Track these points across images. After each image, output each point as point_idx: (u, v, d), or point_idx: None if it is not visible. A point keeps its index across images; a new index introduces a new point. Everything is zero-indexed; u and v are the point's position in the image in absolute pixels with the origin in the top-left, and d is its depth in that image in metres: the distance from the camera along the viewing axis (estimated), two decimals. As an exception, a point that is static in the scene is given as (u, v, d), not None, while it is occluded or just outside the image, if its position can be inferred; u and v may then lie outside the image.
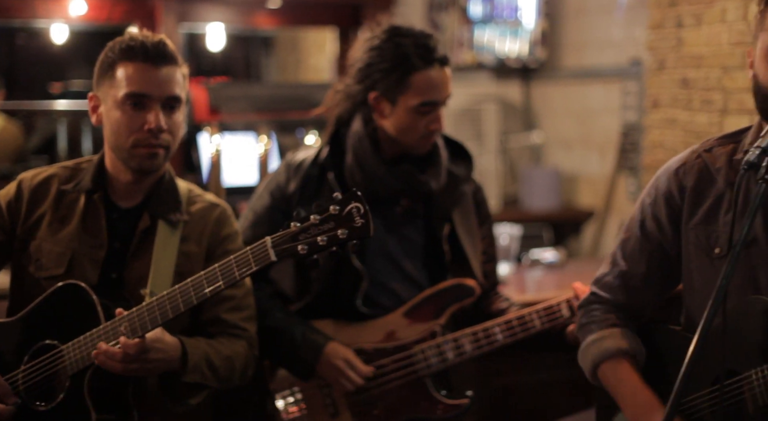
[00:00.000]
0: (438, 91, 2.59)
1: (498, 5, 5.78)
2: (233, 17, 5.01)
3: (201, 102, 3.46)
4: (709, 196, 2.07)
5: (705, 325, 1.65)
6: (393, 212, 2.71)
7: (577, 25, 5.80)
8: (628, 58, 5.25)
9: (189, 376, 2.23)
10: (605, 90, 5.52)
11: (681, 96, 4.64)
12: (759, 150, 1.74)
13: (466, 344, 2.60)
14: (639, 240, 2.17)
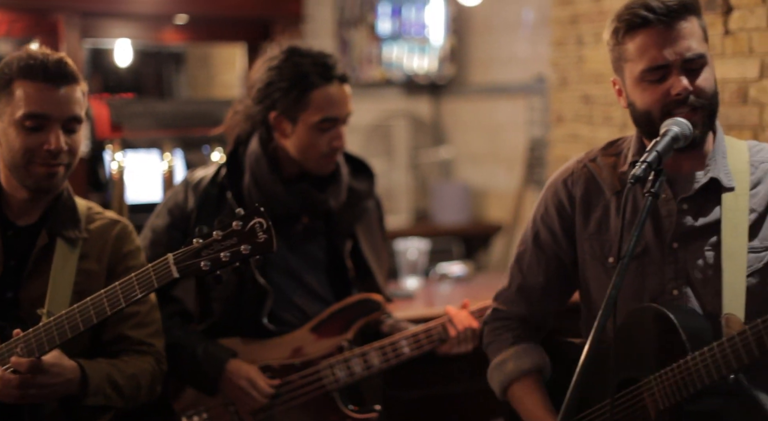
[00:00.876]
0: (338, 108, 2.61)
1: (406, 22, 5.85)
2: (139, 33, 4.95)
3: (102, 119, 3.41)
4: (598, 205, 2.13)
5: (595, 334, 1.70)
6: (294, 229, 2.71)
7: (484, 42, 5.91)
8: (532, 75, 5.37)
9: (90, 399, 2.19)
10: (512, 106, 5.63)
11: (583, 112, 4.77)
12: (645, 164, 1.80)
13: (374, 358, 2.62)
14: (534, 253, 2.23)
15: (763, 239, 1.98)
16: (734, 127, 3.78)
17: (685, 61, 1.93)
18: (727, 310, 1.92)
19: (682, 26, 1.94)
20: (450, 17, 5.90)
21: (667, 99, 1.94)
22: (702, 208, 2.02)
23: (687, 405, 1.90)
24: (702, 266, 1.99)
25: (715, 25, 3.84)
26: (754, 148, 2.08)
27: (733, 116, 3.79)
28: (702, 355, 1.85)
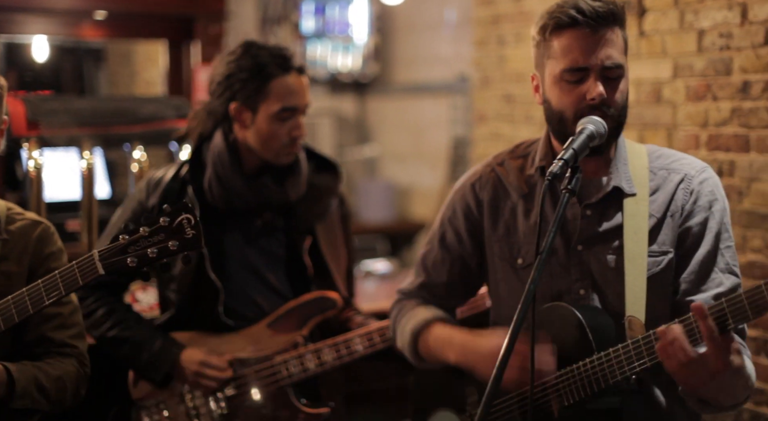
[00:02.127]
0: (297, 97, 2.66)
1: (330, 21, 5.86)
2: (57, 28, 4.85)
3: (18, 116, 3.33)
4: (505, 208, 2.17)
5: (514, 329, 1.73)
6: (253, 224, 2.75)
7: (407, 41, 5.95)
8: (455, 74, 5.43)
9: (17, 402, 2.14)
10: (435, 104, 5.68)
11: (505, 111, 4.85)
12: (562, 162, 1.83)
13: (327, 355, 2.67)
14: (440, 253, 2.26)
15: (662, 243, 2.04)
16: (649, 126, 3.90)
17: (604, 68, 1.97)
18: (630, 312, 1.97)
19: (607, 34, 1.97)
20: (373, 16, 5.92)
21: (582, 103, 1.97)
22: (605, 214, 2.06)
23: (590, 403, 1.95)
24: (605, 269, 2.04)
25: (630, 27, 3.93)
26: (653, 154, 2.13)
27: (647, 115, 3.91)
28: (607, 356, 1.90)
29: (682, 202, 2.05)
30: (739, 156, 3.53)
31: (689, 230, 2.03)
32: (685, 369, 1.76)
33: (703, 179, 2.07)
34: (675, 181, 2.07)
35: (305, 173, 2.76)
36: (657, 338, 1.81)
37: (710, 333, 1.72)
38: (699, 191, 2.05)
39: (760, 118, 3.45)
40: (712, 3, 3.60)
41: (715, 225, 2.04)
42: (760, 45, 3.43)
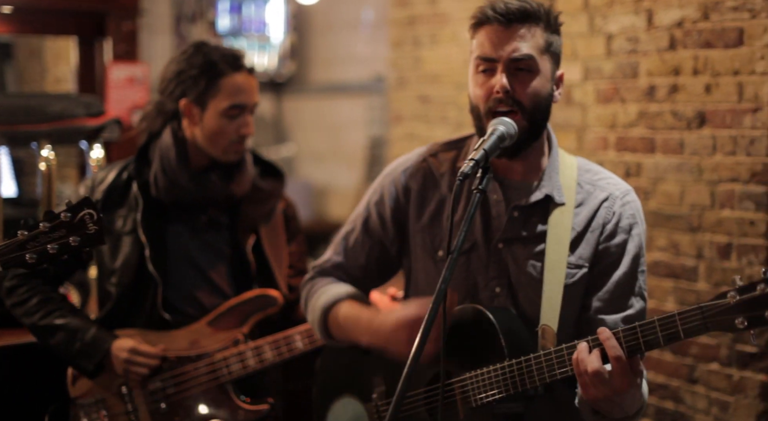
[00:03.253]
0: (246, 96, 2.70)
1: (246, 19, 5.82)
2: (-39, 22, 4.69)
3: None
4: (432, 199, 2.18)
5: (426, 325, 1.74)
6: (198, 220, 2.77)
7: (324, 41, 5.95)
8: (372, 74, 5.45)
9: None
10: (352, 104, 5.69)
11: (420, 111, 4.89)
12: (473, 162, 1.85)
13: (267, 352, 2.70)
14: (361, 235, 2.26)
15: (579, 257, 2.07)
16: (559, 128, 3.98)
17: (512, 60, 2.00)
18: (544, 320, 2.01)
19: (518, 29, 2.01)
20: (290, 15, 5.90)
21: (490, 96, 2.02)
22: (531, 218, 2.10)
23: (496, 406, 1.97)
24: (521, 272, 2.07)
25: (543, 30, 4.03)
26: (582, 167, 2.17)
27: (558, 117, 3.99)
28: (519, 364, 1.93)
29: (604, 220, 2.09)
30: (645, 157, 3.64)
31: (608, 250, 2.07)
32: (590, 384, 1.81)
33: (625, 202, 2.11)
34: (600, 198, 2.11)
35: (251, 173, 2.81)
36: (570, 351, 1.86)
37: (617, 355, 1.78)
38: (621, 213, 2.09)
39: (665, 120, 3.56)
40: (620, 8, 3.70)
41: (634, 248, 2.08)
42: (665, 49, 3.54)
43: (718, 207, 3.38)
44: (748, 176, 3.28)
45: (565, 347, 1.89)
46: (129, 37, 4.95)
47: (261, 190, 2.84)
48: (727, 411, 3.37)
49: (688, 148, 3.48)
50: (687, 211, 3.49)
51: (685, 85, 3.48)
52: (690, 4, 3.43)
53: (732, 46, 3.30)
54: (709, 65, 3.39)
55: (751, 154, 3.26)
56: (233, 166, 2.77)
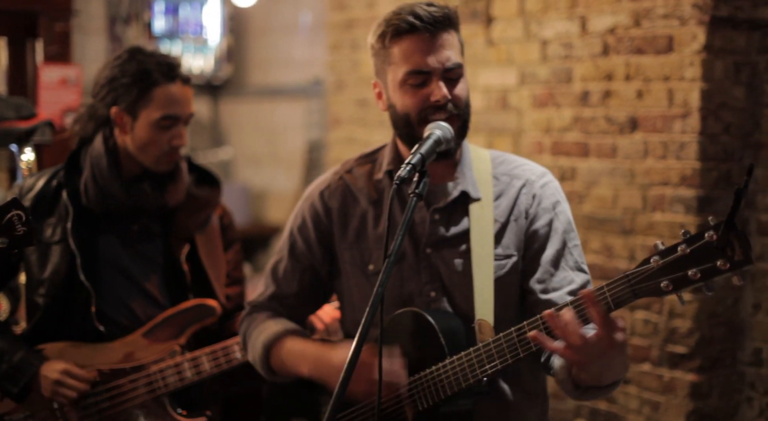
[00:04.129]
0: (180, 107, 2.63)
1: (183, 21, 5.76)
2: None
3: None
4: (355, 215, 2.18)
5: (362, 332, 1.74)
6: (129, 229, 2.70)
7: (262, 44, 5.92)
8: (310, 78, 5.44)
9: None
10: (290, 108, 5.67)
11: (359, 115, 4.89)
12: (409, 166, 1.85)
13: (205, 363, 2.64)
14: (290, 262, 2.25)
15: (506, 247, 2.09)
16: (496, 132, 4.02)
17: (445, 70, 2.02)
18: (479, 315, 2.02)
19: (444, 37, 2.03)
20: (226, 17, 5.85)
21: (426, 104, 2.01)
22: (452, 218, 2.11)
23: (443, 406, 1.97)
24: (452, 272, 2.08)
25: (478, 36, 4.06)
26: (496, 159, 2.19)
27: (495, 122, 4.03)
28: (459, 360, 1.94)
29: (526, 206, 2.11)
30: (579, 162, 3.69)
31: (536, 233, 2.10)
32: (577, 350, 1.76)
33: (543, 183, 2.14)
34: (517, 186, 2.13)
35: (185, 182, 2.75)
36: (545, 323, 1.83)
37: (601, 316, 1.73)
38: (541, 195, 2.12)
39: (599, 125, 3.62)
40: (555, 14, 3.75)
41: (561, 225, 2.11)
42: (598, 55, 3.60)
43: (650, 210, 3.45)
44: (679, 180, 3.35)
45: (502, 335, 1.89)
46: (61, 37, 4.84)
47: (196, 199, 2.77)
48: (658, 411, 3.44)
49: (620, 153, 3.54)
50: (620, 214, 3.55)
51: (617, 91, 3.54)
52: (622, 11, 3.49)
53: (662, 53, 3.37)
54: (640, 71, 3.45)
55: (681, 159, 3.34)
56: (167, 176, 2.70)
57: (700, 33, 3.25)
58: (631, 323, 3.52)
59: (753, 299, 3.37)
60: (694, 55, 3.27)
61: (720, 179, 3.33)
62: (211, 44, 5.84)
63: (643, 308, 3.47)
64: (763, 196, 3.32)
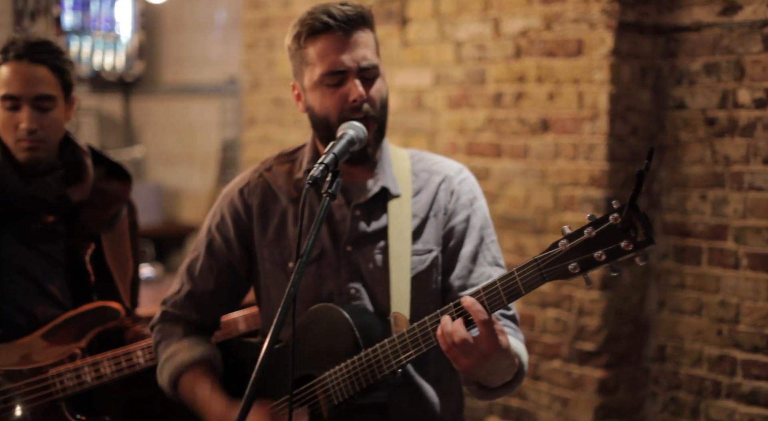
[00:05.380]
0: (16, 86, 2.48)
1: (93, 16, 5.62)
2: None
3: None
4: (275, 213, 2.17)
5: (275, 331, 1.73)
6: (30, 227, 2.56)
7: (175, 41, 5.83)
8: (225, 76, 5.38)
9: None
10: (205, 106, 5.60)
11: (275, 114, 4.86)
12: (322, 166, 1.85)
13: (106, 367, 2.54)
14: (207, 260, 2.22)
15: (425, 242, 2.11)
16: (412, 132, 4.05)
17: (361, 69, 2.02)
18: (395, 309, 2.03)
19: (359, 36, 2.03)
20: (137, 13, 5.75)
21: (345, 105, 2.01)
22: (372, 214, 2.12)
23: (358, 399, 1.98)
24: (373, 268, 2.09)
25: (393, 36, 4.08)
26: (415, 157, 2.22)
27: (410, 122, 4.05)
28: (374, 351, 1.94)
29: (444, 202, 2.14)
30: (493, 162, 3.74)
31: (453, 229, 2.12)
32: (461, 354, 1.80)
33: (461, 179, 2.17)
34: (436, 182, 2.16)
35: (90, 177, 2.61)
36: (437, 322, 1.86)
37: (485, 319, 1.77)
38: (459, 191, 2.15)
39: (511, 126, 3.67)
40: (468, 16, 3.80)
41: (478, 221, 2.14)
42: (511, 57, 3.65)
43: (561, 210, 3.52)
44: (588, 181, 3.43)
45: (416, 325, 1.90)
46: (-36, 31, 4.69)
47: (104, 194, 2.65)
48: (568, 406, 3.52)
49: (532, 154, 3.60)
50: (532, 214, 3.61)
51: (529, 93, 3.60)
52: (534, 15, 3.56)
53: (572, 56, 3.45)
54: (551, 74, 3.52)
55: (590, 160, 3.42)
56: (72, 170, 2.58)
57: (608, 37, 3.33)
58: (543, 321, 3.59)
59: (658, 297, 3.48)
60: (603, 59, 3.35)
61: (627, 180, 3.42)
62: (122, 40, 5.72)
63: (553, 306, 3.54)
64: (667, 196, 3.43)
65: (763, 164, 3.16)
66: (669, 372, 3.45)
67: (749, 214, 3.20)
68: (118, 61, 5.75)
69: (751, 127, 3.19)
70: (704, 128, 3.32)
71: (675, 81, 3.39)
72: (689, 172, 3.36)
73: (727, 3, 3.24)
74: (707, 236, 3.31)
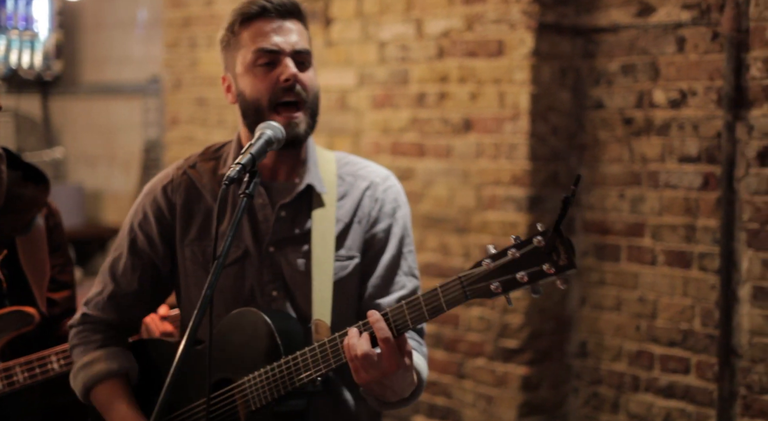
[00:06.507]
0: None
1: (9, 14, 5.48)
2: None
3: None
4: (199, 212, 2.14)
5: (190, 333, 1.71)
6: None
7: (96, 39, 5.72)
8: (147, 76, 5.29)
9: None
10: (127, 106, 5.51)
11: (198, 114, 4.80)
12: (239, 166, 1.83)
13: (18, 374, 2.47)
14: (130, 259, 2.17)
15: (349, 248, 2.10)
16: (336, 132, 4.04)
17: (295, 52, 2.03)
18: (316, 315, 2.02)
19: (294, 23, 2.06)
20: (55, 11, 5.62)
21: (277, 86, 2.00)
22: (297, 217, 2.10)
23: (276, 406, 1.96)
24: (294, 272, 2.08)
25: (317, 36, 4.07)
26: (341, 160, 2.20)
27: (334, 122, 4.05)
28: (294, 359, 1.93)
29: (369, 209, 2.13)
30: (416, 162, 3.76)
31: (375, 237, 2.12)
32: (361, 367, 1.82)
33: (387, 187, 2.17)
34: (361, 187, 2.15)
35: (5, 182, 2.52)
36: (365, 324, 1.86)
37: (385, 336, 1.80)
38: (384, 199, 2.14)
39: (435, 126, 3.69)
40: (391, 16, 3.80)
41: (399, 231, 2.14)
42: (433, 58, 3.67)
43: (483, 209, 3.56)
44: (510, 180, 3.47)
45: (338, 335, 1.90)
46: None
47: (20, 199, 2.57)
48: (492, 403, 3.55)
49: (455, 154, 3.63)
50: (455, 213, 3.64)
51: (452, 93, 3.62)
52: (455, 15, 3.58)
53: (494, 57, 3.48)
54: (473, 74, 3.55)
55: (512, 159, 3.46)
56: None
57: (528, 38, 3.37)
58: (467, 320, 3.62)
59: (579, 294, 3.53)
60: (523, 60, 3.39)
61: (548, 179, 3.46)
62: (40, 39, 5.59)
63: (478, 304, 3.57)
64: (587, 195, 3.49)
65: (678, 163, 3.24)
66: (590, 368, 3.51)
67: (665, 211, 3.27)
68: (35, 60, 5.61)
69: (666, 127, 3.27)
70: (622, 128, 3.39)
71: (593, 81, 3.45)
72: (608, 171, 3.43)
73: (642, 5, 3.31)
74: (626, 233, 3.38)
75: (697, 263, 3.21)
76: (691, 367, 3.23)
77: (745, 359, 3.06)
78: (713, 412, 3.15)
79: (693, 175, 3.21)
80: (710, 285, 3.17)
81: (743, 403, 3.06)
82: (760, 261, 3.00)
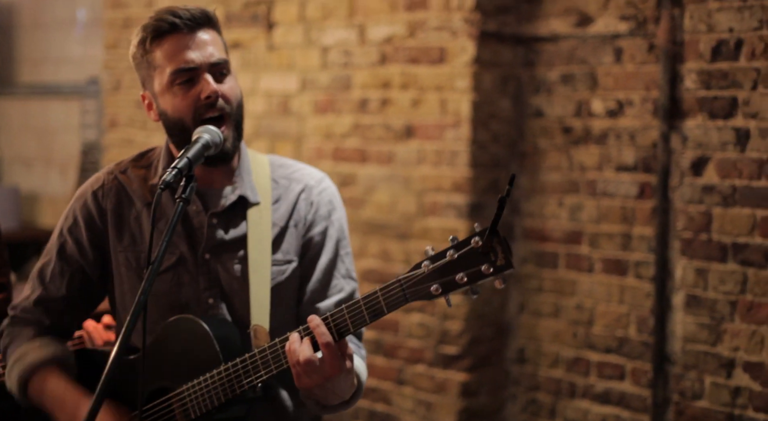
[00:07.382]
0: None
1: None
2: None
3: None
4: (130, 217, 2.11)
5: (122, 341, 1.68)
6: None
7: (32, 39, 5.61)
8: (86, 77, 5.21)
9: None
10: (65, 108, 5.41)
11: (137, 116, 4.73)
12: (175, 170, 1.81)
13: None
14: (59, 265, 2.13)
15: (286, 252, 2.09)
16: (278, 137, 4.01)
17: (212, 65, 1.99)
18: (255, 320, 2.00)
19: (205, 34, 2.00)
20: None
21: (198, 103, 1.97)
22: (231, 223, 2.08)
23: (216, 414, 1.94)
24: (231, 278, 2.06)
25: (259, 40, 4.04)
26: (275, 163, 2.19)
27: (277, 127, 4.02)
28: (234, 366, 1.91)
29: (305, 212, 2.12)
30: (359, 168, 3.76)
31: (311, 240, 2.11)
32: (303, 373, 1.81)
33: (322, 190, 2.16)
34: (296, 191, 2.14)
35: None
36: (306, 329, 1.85)
37: (326, 341, 1.79)
38: (318, 202, 2.14)
39: (377, 132, 3.69)
40: (334, 21, 3.80)
41: (335, 233, 2.13)
42: (376, 64, 3.67)
43: (425, 216, 3.56)
44: (451, 187, 3.48)
45: (278, 341, 1.88)
46: None
47: None
48: (431, 410, 3.56)
49: (397, 160, 3.63)
50: (397, 220, 3.64)
51: (394, 99, 3.63)
52: (398, 22, 3.59)
53: (435, 64, 3.50)
54: (415, 81, 3.56)
55: (453, 166, 3.47)
56: None
57: (469, 46, 3.39)
58: (408, 326, 3.62)
59: (518, 300, 3.56)
60: (464, 67, 3.41)
61: (489, 186, 3.49)
62: (-24, 37, 5.47)
63: (417, 310, 3.57)
64: (526, 202, 3.52)
65: (616, 172, 3.29)
66: (528, 374, 3.54)
67: (602, 219, 3.32)
68: (-30, 58, 5.49)
69: (603, 136, 3.32)
70: (561, 136, 3.43)
71: (534, 90, 3.49)
72: (547, 179, 3.46)
73: (581, 16, 3.35)
74: (564, 240, 3.42)
75: (633, 270, 3.26)
76: (626, 373, 3.28)
77: (678, 366, 3.11)
78: (647, 418, 3.20)
79: (629, 184, 3.26)
80: (645, 293, 3.22)
81: (676, 409, 3.11)
82: (694, 269, 3.06)
